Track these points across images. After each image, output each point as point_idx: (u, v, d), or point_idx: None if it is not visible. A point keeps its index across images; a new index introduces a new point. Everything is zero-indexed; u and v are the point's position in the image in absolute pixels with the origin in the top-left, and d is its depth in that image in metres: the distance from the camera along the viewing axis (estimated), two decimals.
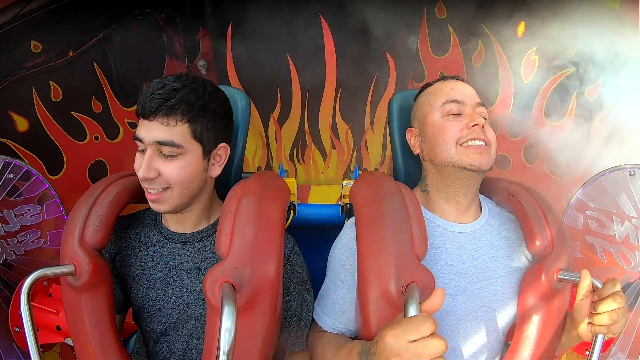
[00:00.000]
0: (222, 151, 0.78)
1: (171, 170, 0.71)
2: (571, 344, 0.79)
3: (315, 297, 0.85)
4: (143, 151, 0.73)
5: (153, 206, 0.75)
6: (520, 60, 1.76)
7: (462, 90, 0.81)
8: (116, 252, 0.83)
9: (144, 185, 0.73)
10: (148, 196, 0.74)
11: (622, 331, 0.68)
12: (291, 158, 1.99)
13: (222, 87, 0.83)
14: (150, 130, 0.70)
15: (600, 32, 1.57)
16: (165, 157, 0.71)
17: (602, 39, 1.58)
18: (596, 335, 0.68)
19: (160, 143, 0.70)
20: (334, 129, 1.95)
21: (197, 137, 0.72)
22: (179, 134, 0.71)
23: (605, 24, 1.56)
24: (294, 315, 0.81)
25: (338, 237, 0.84)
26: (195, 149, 0.73)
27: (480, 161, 0.75)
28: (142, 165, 0.70)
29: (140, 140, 0.72)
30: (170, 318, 0.80)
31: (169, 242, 0.82)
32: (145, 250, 0.82)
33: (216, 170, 0.78)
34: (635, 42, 1.52)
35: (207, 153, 0.75)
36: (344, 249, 0.80)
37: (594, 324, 0.67)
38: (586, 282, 0.67)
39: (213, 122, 0.74)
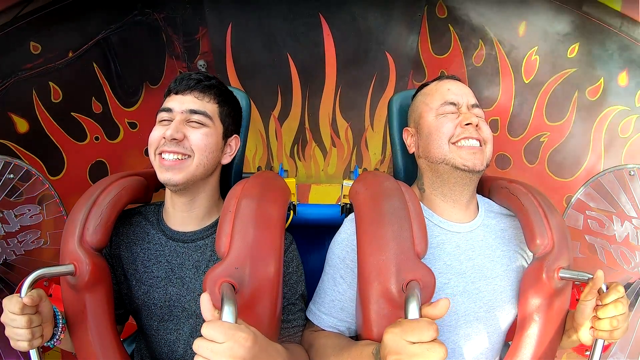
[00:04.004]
0: (234, 142, 0.86)
1: (197, 135, 0.77)
2: (570, 347, 0.78)
3: (312, 297, 0.85)
4: (165, 122, 0.77)
5: (166, 176, 0.75)
6: (521, 59, 1.75)
7: (458, 91, 0.81)
8: (117, 246, 0.84)
9: (164, 148, 0.75)
10: (163, 163, 0.75)
11: (622, 336, 0.67)
12: (292, 155, 1.99)
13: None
14: (183, 102, 0.78)
15: (601, 32, 1.57)
16: (192, 126, 0.77)
17: (603, 39, 1.57)
18: (596, 339, 0.67)
19: (194, 111, 0.78)
20: (334, 126, 1.95)
21: (222, 118, 0.82)
22: (210, 109, 0.80)
23: (606, 23, 1.56)
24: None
25: (337, 232, 0.83)
26: (219, 127, 0.81)
27: (473, 162, 0.75)
28: (172, 127, 0.75)
29: (169, 110, 0.78)
30: (172, 316, 0.81)
31: (171, 241, 0.82)
32: (148, 249, 0.82)
33: (226, 159, 0.85)
34: (636, 42, 1.51)
35: (224, 137, 0.82)
36: (343, 244, 0.80)
37: (595, 329, 0.67)
38: (598, 284, 0.65)
39: (233, 112, 0.85)
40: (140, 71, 1.73)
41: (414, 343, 0.52)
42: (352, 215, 0.80)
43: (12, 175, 1.27)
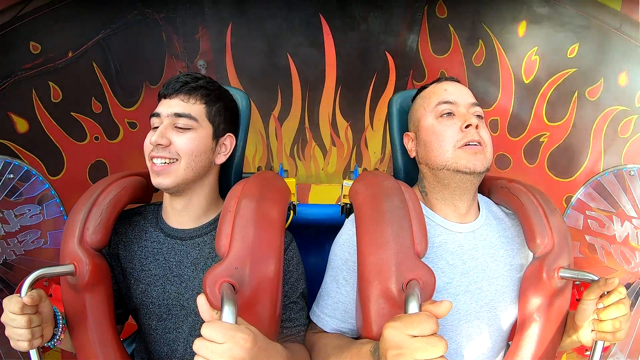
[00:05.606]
0: (228, 141, 0.85)
1: (183, 140, 0.77)
2: (570, 347, 0.78)
3: (312, 296, 0.85)
4: (156, 128, 0.78)
5: (157, 180, 0.77)
6: (521, 60, 1.75)
7: (455, 91, 0.81)
8: (115, 246, 0.84)
9: (153, 154, 0.76)
10: (154, 168, 0.77)
11: (624, 337, 0.67)
12: (292, 155, 1.99)
13: (223, 87, 0.85)
14: (169, 106, 0.79)
15: (601, 32, 1.57)
16: (178, 130, 0.78)
17: (603, 39, 1.57)
18: (596, 341, 0.67)
19: (178, 115, 0.78)
20: (334, 125, 1.96)
21: (210, 118, 0.81)
22: (196, 111, 0.79)
23: (606, 23, 1.56)
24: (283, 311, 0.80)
25: (339, 233, 0.83)
26: (207, 127, 0.80)
27: (475, 163, 0.75)
28: (156, 133, 0.76)
29: (157, 115, 0.79)
30: (170, 314, 0.81)
31: (169, 239, 0.82)
32: (145, 247, 0.82)
33: (220, 159, 0.84)
34: (636, 42, 1.51)
35: (216, 136, 0.82)
36: (345, 245, 0.80)
37: (597, 331, 0.67)
38: (609, 287, 0.64)
39: (225, 111, 0.84)
40: (140, 71, 1.73)
41: (415, 337, 0.51)
42: (353, 217, 0.80)
43: (12, 175, 1.27)
